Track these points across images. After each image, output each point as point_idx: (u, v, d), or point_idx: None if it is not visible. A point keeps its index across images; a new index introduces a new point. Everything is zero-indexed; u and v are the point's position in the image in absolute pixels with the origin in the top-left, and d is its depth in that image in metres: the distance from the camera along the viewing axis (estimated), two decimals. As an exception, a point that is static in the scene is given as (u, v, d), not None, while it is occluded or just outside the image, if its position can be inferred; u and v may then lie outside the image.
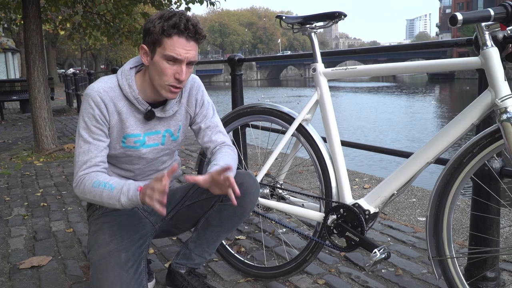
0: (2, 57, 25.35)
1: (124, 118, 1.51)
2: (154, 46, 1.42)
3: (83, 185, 1.43)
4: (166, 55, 1.41)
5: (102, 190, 1.39)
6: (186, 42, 1.41)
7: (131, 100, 1.50)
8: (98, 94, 1.47)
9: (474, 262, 1.72)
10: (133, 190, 1.35)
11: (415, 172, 1.49)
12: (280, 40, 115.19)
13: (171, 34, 1.39)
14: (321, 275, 1.95)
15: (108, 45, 11.53)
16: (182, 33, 1.39)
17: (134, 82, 1.51)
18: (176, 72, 1.43)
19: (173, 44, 1.40)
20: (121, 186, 1.38)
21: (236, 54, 3.08)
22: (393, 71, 1.62)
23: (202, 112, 1.68)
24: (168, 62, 1.42)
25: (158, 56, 1.42)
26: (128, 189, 1.36)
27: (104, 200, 1.40)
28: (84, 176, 1.44)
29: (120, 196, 1.36)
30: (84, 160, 1.46)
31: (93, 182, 1.41)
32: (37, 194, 3.52)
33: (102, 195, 1.39)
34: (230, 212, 1.62)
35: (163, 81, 1.44)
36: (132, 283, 1.43)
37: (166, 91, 1.47)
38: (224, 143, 1.67)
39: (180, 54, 1.41)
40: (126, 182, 1.40)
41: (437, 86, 43.06)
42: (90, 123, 1.47)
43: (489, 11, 1.21)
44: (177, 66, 1.43)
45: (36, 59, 5.09)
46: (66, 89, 13.84)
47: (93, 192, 1.41)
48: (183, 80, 1.44)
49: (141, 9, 8.31)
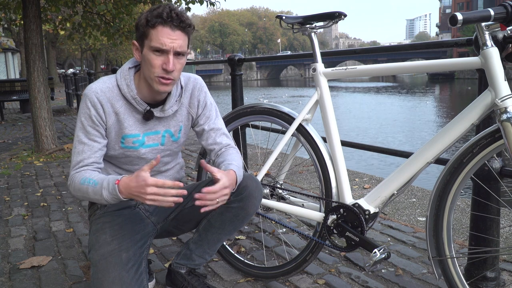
0: (2, 57, 25.34)
1: (122, 118, 1.51)
2: (142, 40, 1.43)
3: (74, 183, 1.46)
4: (152, 47, 1.40)
5: (87, 186, 1.41)
6: (171, 31, 1.40)
7: (129, 100, 1.50)
8: (95, 95, 1.47)
9: (474, 262, 1.72)
10: (112, 184, 1.35)
11: (415, 172, 1.49)
12: (280, 40, 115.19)
13: (154, 24, 1.39)
14: (321, 275, 1.95)
15: (108, 45, 11.54)
16: (165, 22, 1.39)
17: (132, 82, 1.51)
18: (163, 62, 1.42)
19: (157, 35, 1.39)
20: (102, 180, 1.39)
21: (236, 54, 3.08)
22: (393, 71, 1.62)
23: (205, 113, 1.67)
24: (155, 53, 1.41)
25: (146, 48, 1.42)
26: (108, 183, 1.37)
27: (91, 196, 1.41)
28: (74, 175, 1.47)
29: (102, 191, 1.37)
30: (77, 161, 1.48)
31: (81, 179, 1.43)
32: (37, 194, 3.52)
33: (88, 191, 1.41)
34: (233, 214, 1.61)
35: (152, 73, 1.43)
36: (133, 283, 1.43)
37: (157, 83, 1.45)
38: (229, 145, 1.67)
39: (165, 44, 1.39)
40: (107, 176, 1.41)
41: (437, 86, 43.05)
42: (86, 124, 1.48)
43: (489, 11, 1.21)
44: (164, 56, 1.42)
45: (36, 59, 5.09)
46: (66, 89, 13.84)
47: (81, 189, 1.43)
48: (171, 71, 1.42)
49: (141, 9, 8.30)
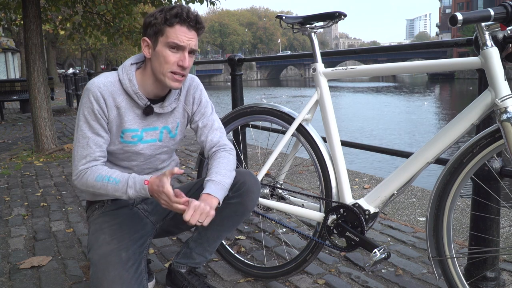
0: (2, 57, 25.33)
1: (122, 112, 1.54)
2: (156, 37, 1.47)
3: (85, 179, 1.49)
4: (169, 43, 1.45)
5: (107, 184, 1.47)
6: (188, 31, 1.47)
7: (130, 94, 1.53)
8: (98, 89, 1.50)
9: (474, 262, 1.72)
10: (140, 184, 1.44)
11: (415, 172, 1.49)
12: (280, 40, 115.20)
13: (173, 23, 1.44)
14: (321, 275, 1.95)
15: (108, 45, 11.54)
16: (184, 22, 1.45)
17: (134, 77, 1.54)
18: (179, 59, 1.48)
19: (175, 32, 1.45)
20: (126, 179, 1.46)
21: (236, 54, 3.08)
22: (393, 71, 1.62)
23: (200, 110, 1.70)
24: (171, 50, 1.47)
25: (160, 45, 1.47)
26: (134, 182, 1.45)
27: (109, 192, 1.48)
28: (85, 171, 1.50)
29: (127, 189, 1.45)
30: (83, 155, 1.50)
31: (96, 176, 1.48)
32: (37, 194, 3.52)
33: (107, 188, 1.47)
34: (232, 210, 1.62)
35: (165, 68, 1.48)
36: (132, 283, 1.43)
37: (170, 79, 1.50)
38: (219, 143, 1.67)
39: (183, 41, 1.46)
40: (129, 176, 1.48)
41: (437, 86, 43.06)
42: (89, 118, 1.50)
43: (489, 11, 1.21)
44: (180, 53, 1.48)
45: (36, 59, 5.09)
46: (66, 89, 13.84)
47: (97, 186, 1.48)
48: (186, 67, 1.49)
49: (141, 9, 8.30)
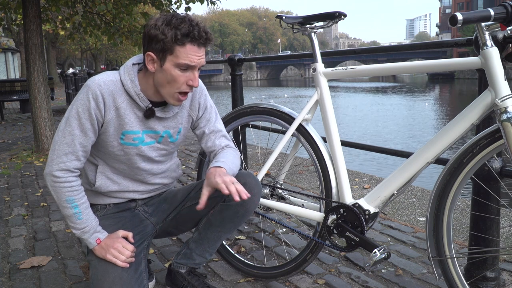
0: (2, 57, 25.31)
1: (122, 114, 1.49)
2: (164, 54, 1.40)
3: (56, 188, 1.46)
4: (180, 64, 1.40)
5: (71, 211, 1.47)
6: (198, 49, 1.41)
7: (132, 95, 1.48)
8: (98, 87, 1.43)
9: (474, 262, 1.72)
10: (92, 238, 1.48)
11: (415, 172, 1.49)
12: (280, 40, 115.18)
13: (184, 43, 1.38)
14: (321, 275, 1.95)
15: (108, 45, 11.54)
16: (195, 41, 1.39)
17: (136, 78, 1.49)
18: (189, 79, 1.44)
19: (186, 52, 1.39)
20: (86, 224, 1.49)
21: (236, 54, 3.07)
22: (393, 71, 1.62)
23: (205, 116, 1.68)
24: (180, 70, 1.42)
25: (169, 64, 1.40)
26: (88, 231, 1.48)
27: (66, 216, 1.49)
28: (59, 179, 1.45)
29: (79, 232, 1.48)
30: (66, 152, 1.45)
31: (67, 197, 1.46)
32: (37, 194, 3.52)
33: (68, 213, 1.47)
34: (232, 212, 1.61)
35: (174, 88, 1.44)
36: (132, 283, 1.43)
37: (174, 99, 1.47)
38: (227, 146, 1.68)
39: (194, 61, 1.41)
40: (91, 223, 1.50)
41: (437, 86, 43.06)
42: (82, 115, 1.43)
43: (489, 11, 1.21)
44: (189, 72, 1.43)
45: (36, 59, 5.09)
46: (66, 89, 13.84)
47: (62, 204, 1.47)
48: (196, 87, 1.46)
49: (141, 9, 8.31)
